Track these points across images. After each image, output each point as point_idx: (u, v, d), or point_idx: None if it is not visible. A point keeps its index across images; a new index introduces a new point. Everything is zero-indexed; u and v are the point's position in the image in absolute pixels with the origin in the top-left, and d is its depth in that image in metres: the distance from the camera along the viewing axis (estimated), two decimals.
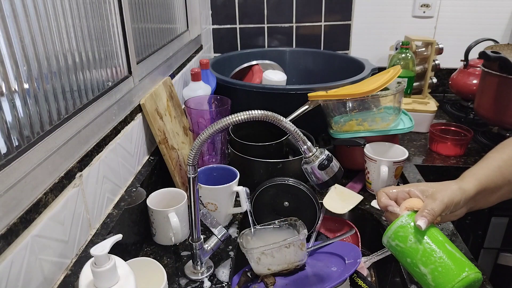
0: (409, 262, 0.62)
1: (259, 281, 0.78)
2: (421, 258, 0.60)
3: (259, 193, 0.89)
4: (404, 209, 0.64)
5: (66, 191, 0.58)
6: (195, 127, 0.99)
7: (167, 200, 0.84)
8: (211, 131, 0.63)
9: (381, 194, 0.69)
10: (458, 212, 0.67)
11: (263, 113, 0.62)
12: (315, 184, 0.68)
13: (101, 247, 0.49)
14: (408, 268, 0.63)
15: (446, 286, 0.58)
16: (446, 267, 0.58)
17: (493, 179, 0.68)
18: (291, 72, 1.54)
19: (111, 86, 0.75)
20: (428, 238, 0.61)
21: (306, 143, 0.66)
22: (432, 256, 0.59)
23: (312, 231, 0.91)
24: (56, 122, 0.58)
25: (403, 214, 0.63)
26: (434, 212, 0.61)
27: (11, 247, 0.47)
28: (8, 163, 0.47)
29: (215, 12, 1.63)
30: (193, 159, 0.66)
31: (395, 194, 0.68)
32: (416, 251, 0.61)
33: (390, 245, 0.64)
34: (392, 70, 1.07)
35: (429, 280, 0.59)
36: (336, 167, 0.67)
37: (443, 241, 0.61)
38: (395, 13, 1.63)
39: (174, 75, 1.12)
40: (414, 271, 0.62)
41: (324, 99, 1.06)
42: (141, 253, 0.81)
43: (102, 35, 0.72)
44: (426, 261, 0.60)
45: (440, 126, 1.26)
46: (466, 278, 0.57)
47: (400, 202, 0.67)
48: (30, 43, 0.52)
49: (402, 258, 0.63)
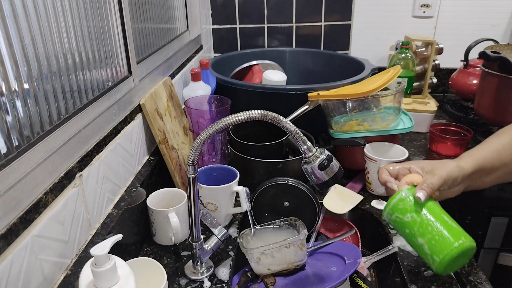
0: (407, 233, 0.65)
1: (259, 281, 0.78)
2: (418, 229, 0.63)
3: (259, 193, 0.89)
4: (404, 183, 0.68)
5: (66, 191, 0.58)
6: (195, 127, 0.99)
7: (167, 200, 0.84)
8: (211, 131, 0.63)
9: (382, 171, 0.73)
10: (456, 189, 0.71)
11: (263, 113, 0.62)
12: (315, 184, 0.68)
13: (101, 247, 0.49)
14: (407, 239, 0.67)
15: (442, 253, 0.61)
16: (442, 237, 0.61)
17: (490, 160, 0.72)
18: (291, 72, 1.54)
19: (111, 86, 0.75)
20: (426, 210, 0.64)
21: (306, 143, 0.66)
22: (429, 226, 0.63)
23: (312, 231, 0.91)
24: (56, 122, 0.58)
25: (403, 188, 0.66)
26: (432, 186, 0.65)
27: (11, 247, 0.47)
28: (8, 163, 0.47)
29: (215, 12, 1.63)
30: (193, 159, 0.66)
31: (396, 171, 0.72)
32: (414, 223, 0.64)
33: (390, 218, 0.67)
34: (392, 70, 1.07)
35: (426, 249, 0.62)
36: (336, 167, 0.67)
37: (440, 213, 0.64)
38: (395, 13, 1.63)
39: (174, 75, 1.12)
40: (412, 242, 0.65)
41: (324, 99, 1.06)
42: (141, 253, 0.81)
43: (102, 35, 0.72)
44: (423, 232, 0.63)
45: (440, 126, 1.26)
46: (460, 246, 0.60)
47: (401, 179, 0.70)
48: (30, 43, 0.52)
49: (401, 230, 0.66)
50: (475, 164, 0.70)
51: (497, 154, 0.73)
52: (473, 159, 0.71)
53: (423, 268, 0.77)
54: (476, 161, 0.71)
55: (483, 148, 0.74)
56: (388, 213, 0.67)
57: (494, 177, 0.73)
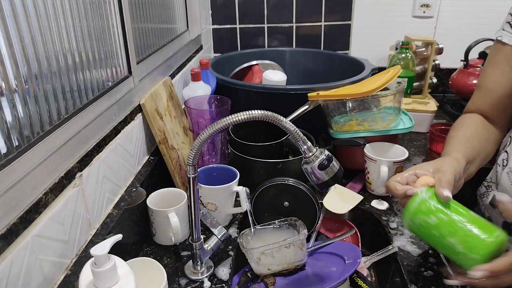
0: (435, 235, 0.62)
1: (259, 281, 0.78)
2: (447, 228, 0.61)
3: (259, 193, 0.89)
4: (420, 186, 0.66)
5: (66, 191, 0.58)
6: (195, 127, 0.99)
7: (167, 200, 0.84)
8: (211, 131, 0.63)
9: (393, 184, 0.71)
10: (460, 183, 0.71)
11: (263, 113, 0.62)
12: (315, 184, 0.68)
13: (101, 247, 0.49)
14: (434, 242, 0.64)
15: (480, 249, 0.58)
16: (475, 233, 0.59)
17: (470, 150, 0.76)
18: (291, 72, 1.54)
19: (111, 86, 0.75)
20: (451, 208, 0.62)
21: (306, 143, 0.66)
22: (460, 224, 0.60)
23: (312, 231, 0.91)
24: (56, 122, 0.58)
25: (420, 190, 0.64)
26: (450, 182, 0.65)
27: (11, 247, 0.47)
28: (8, 163, 0.47)
29: (215, 12, 1.63)
30: (193, 159, 0.66)
31: (405, 180, 0.71)
32: (441, 223, 0.61)
33: (413, 223, 0.65)
34: (392, 70, 1.07)
35: (460, 248, 0.60)
36: (336, 167, 0.67)
37: (465, 209, 0.62)
38: (395, 13, 1.63)
39: (174, 75, 1.12)
40: (441, 243, 0.62)
41: (324, 99, 1.06)
42: (141, 253, 0.81)
43: (102, 35, 0.72)
44: (453, 231, 0.60)
45: (440, 126, 1.26)
46: (498, 239, 0.58)
47: (412, 185, 0.70)
48: (30, 43, 0.52)
49: (427, 233, 0.63)
50: (465, 156, 0.73)
51: (470, 145, 0.77)
52: (459, 152, 0.74)
53: (423, 268, 0.77)
54: (463, 154, 0.74)
55: (456, 142, 0.78)
56: (411, 219, 0.64)
57: (475, 165, 0.78)
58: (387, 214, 0.94)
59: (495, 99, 0.84)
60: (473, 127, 0.84)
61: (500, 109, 0.85)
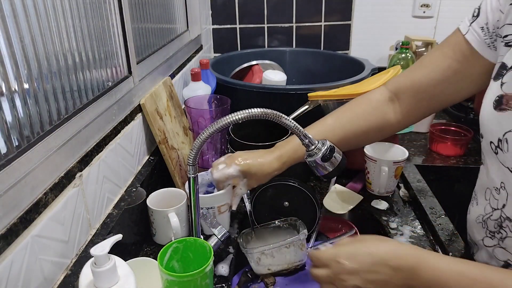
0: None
1: (259, 281, 0.78)
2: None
3: (259, 193, 0.89)
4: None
5: (66, 191, 0.58)
6: (195, 126, 0.99)
7: (167, 200, 0.84)
8: (211, 130, 0.63)
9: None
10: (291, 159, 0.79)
11: (263, 111, 0.62)
12: (321, 175, 0.69)
13: (101, 247, 0.49)
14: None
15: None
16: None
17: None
18: (291, 72, 1.54)
19: (111, 86, 0.75)
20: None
21: (307, 137, 0.66)
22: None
23: (312, 231, 0.91)
24: (56, 122, 0.58)
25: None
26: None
27: (11, 247, 0.47)
28: (8, 163, 0.47)
29: (215, 12, 1.63)
30: (193, 159, 0.66)
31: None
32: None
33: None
34: (392, 70, 1.07)
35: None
36: (339, 157, 0.67)
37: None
38: (395, 13, 1.63)
39: (174, 75, 1.12)
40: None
41: (324, 99, 1.06)
42: (141, 253, 0.81)
43: (102, 35, 0.72)
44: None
45: (440, 126, 1.26)
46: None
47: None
48: (30, 43, 0.52)
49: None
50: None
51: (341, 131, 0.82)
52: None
53: None
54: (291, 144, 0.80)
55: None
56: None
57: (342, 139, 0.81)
58: (387, 214, 0.94)
59: (419, 78, 0.77)
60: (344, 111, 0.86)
61: (416, 92, 0.78)
